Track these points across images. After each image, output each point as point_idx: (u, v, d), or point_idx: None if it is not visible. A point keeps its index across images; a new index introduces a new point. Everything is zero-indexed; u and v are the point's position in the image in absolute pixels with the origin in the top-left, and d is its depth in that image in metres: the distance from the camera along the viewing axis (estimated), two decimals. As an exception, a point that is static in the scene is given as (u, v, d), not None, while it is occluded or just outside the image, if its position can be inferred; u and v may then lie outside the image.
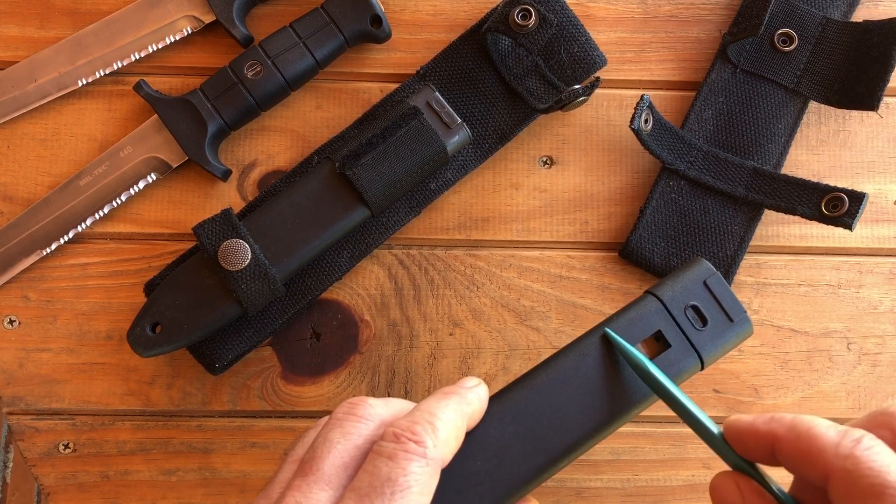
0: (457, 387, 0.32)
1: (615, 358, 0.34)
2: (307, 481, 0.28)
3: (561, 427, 0.33)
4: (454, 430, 0.30)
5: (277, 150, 0.49)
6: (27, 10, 0.49)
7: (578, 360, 0.34)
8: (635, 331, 0.34)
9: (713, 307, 0.35)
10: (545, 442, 0.32)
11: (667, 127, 0.48)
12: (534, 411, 0.33)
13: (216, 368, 0.46)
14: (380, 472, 0.27)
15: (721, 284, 0.35)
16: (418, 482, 0.27)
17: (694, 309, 0.35)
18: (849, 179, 0.50)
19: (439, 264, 0.49)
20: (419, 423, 0.29)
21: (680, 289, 0.35)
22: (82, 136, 0.49)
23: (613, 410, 0.33)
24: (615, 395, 0.33)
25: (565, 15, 0.48)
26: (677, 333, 0.34)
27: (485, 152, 0.49)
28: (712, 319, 0.35)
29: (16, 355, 0.47)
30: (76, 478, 0.47)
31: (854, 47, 0.48)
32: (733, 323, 0.35)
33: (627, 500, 0.48)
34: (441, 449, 0.29)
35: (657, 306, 0.35)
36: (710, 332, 0.35)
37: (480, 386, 0.33)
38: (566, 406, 0.33)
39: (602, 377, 0.33)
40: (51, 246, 0.47)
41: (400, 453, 0.28)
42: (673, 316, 0.35)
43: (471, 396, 0.32)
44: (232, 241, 0.43)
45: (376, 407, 0.30)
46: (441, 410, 0.30)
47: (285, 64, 0.47)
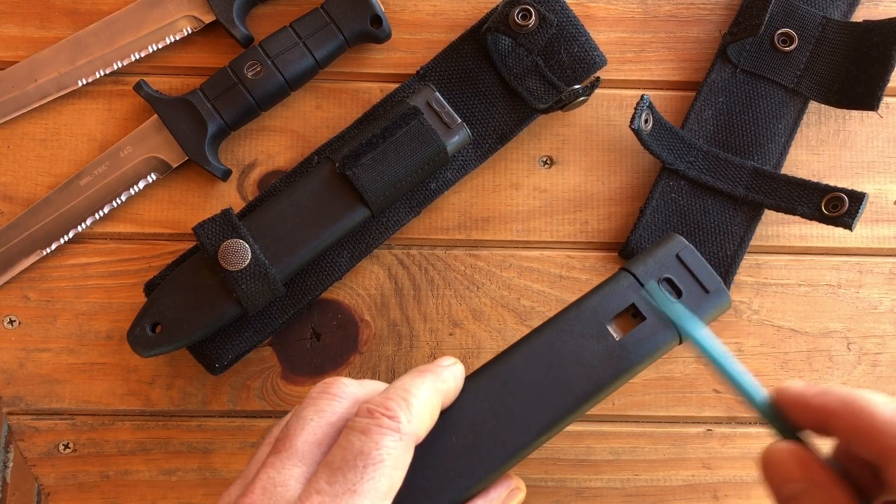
0: (433, 365, 0.32)
1: (590, 334, 0.34)
2: (280, 458, 0.28)
3: (537, 403, 0.33)
4: (428, 407, 0.30)
5: (277, 150, 0.49)
6: (27, 10, 0.49)
7: (553, 336, 0.34)
8: (609, 306, 0.34)
9: (687, 279, 0.35)
10: (522, 418, 0.33)
11: (667, 127, 0.48)
12: (510, 388, 0.33)
13: (216, 368, 0.46)
14: (352, 447, 0.27)
15: (694, 256, 0.35)
16: (391, 456, 0.27)
17: (668, 282, 0.35)
18: (849, 179, 0.50)
19: (439, 264, 0.49)
20: (393, 399, 0.29)
21: (652, 262, 0.35)
22: (82, 136, 0.49)
23: (588, 386, 0.33)
24: (590, 370, 0.33)
25: (565, 15, 0.48)
26: (651, 307, 0.34)
27: (485, 152, 0.49)
28: (687, 291, 0.35)
29: (16, 355, 0.47)
30: (76, 478, 0.47)
31: (854, 47, 0.48)
32: (709, 293, 0.35)
33: (627, 500, 0.48)
34: (415, 424, 0.29)
35: (630, 281, 0.35)
36: (686, 304, 0.35)
37: (456, 364, 0.33)
38: (542, 382, 0.33)
39: (577, 353, 0.34)
40: (51, 246, 0.47)
41: (373, 428, 0.28)
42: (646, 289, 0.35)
43: (446, 374, 0.32)
44: (232, 241, 0.43)
45: (351, 386, 0.31)
46: (415, 387, 0.30)
47: (285, 64, 0.47)
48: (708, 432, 0.48)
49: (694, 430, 0.48)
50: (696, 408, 0.48)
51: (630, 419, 0.48)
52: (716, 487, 0.48)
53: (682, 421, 0.48)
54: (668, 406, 0.48)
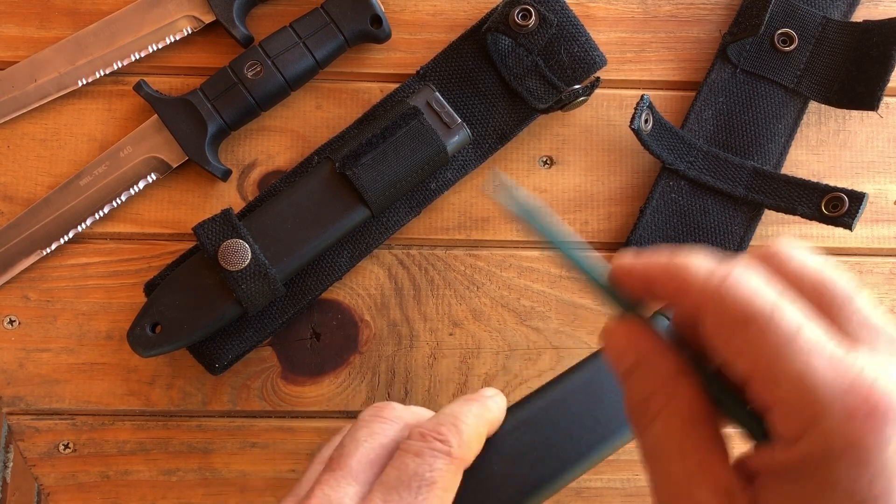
0: (478, 395, 0.33)
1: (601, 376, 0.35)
2: (335, 476, 0.29)
3: (576, 438, 0.34)
4: (476, 434, 0.31)
5: (277, 150, 0.49)
6: (27, 10, 0.49)
7: (592, 373, 0.35)
8: None
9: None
10: (561, 452, 0.34)
11: (667, 127, 0.48)
12: (548, 420, 0.34)
13: (216, 368, 0.46)
14: (407, 468, 0.28)
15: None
16: (443, 478, 0.28)
17: None
18: (849, 179, 0.50)
19: (439, 264, 0.49)
20: (444, 425, 0.30)
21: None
22: (82, 136, 0.49)
23: (624, 421, 0.34)
24: (618, 410, 0.34)
25: (565, 15, 0.48)
26: None
27: (485, 152, 0.49)
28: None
29: (16, 355, 0.47)
30: (76, 478, 0.47)
31: (854, 47, 0.48)
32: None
33: (627, 500, 0.48)
34: (464, 449, 0.30)
35: None
36: None
37: (500, 395, 0.34)
38: (581, 416, 0.34)
39: (614, 389, 0.34)
40: (51, 246, 0.47)
41: (426, 451, 0.29)
42: None
43: (491, 404, 0.33)
44: (232, 241, 0.43)
45: (400, 410, 0.32)
46: (464, 414, 0.31)
47: (285, 64, 0.47)
48: (708, 432, 0.48)
49: (694, 430, 0.48)
50: (696, 408, 0.48)
51: (630, 419, 0.48)
52: (716, 487, 0.48)
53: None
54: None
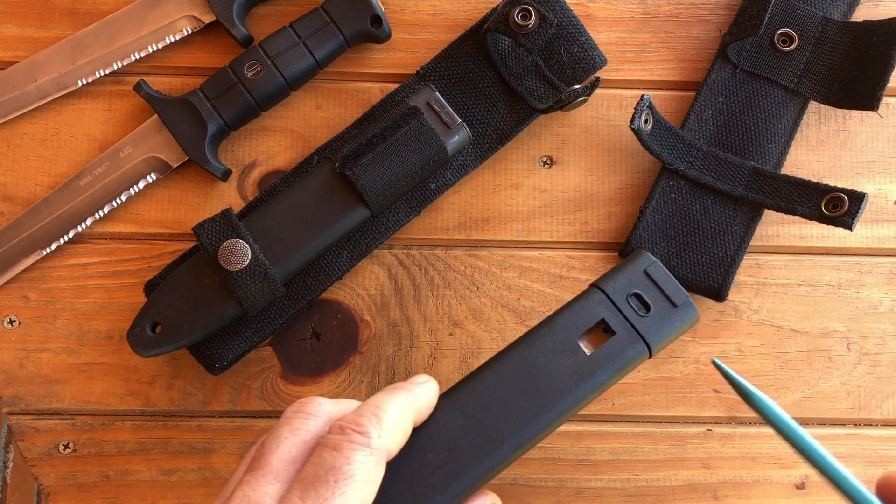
0: (406, 382, 0.33)
1: (561, 349, 0.35)
2: (255, 476, 0.29)
3: (511, 417, 0.33)
4: (400, 423, 0.31)
5: (277, 150, 0.49)
6: (27, 10, 0.49)
7: (526, 352, 0.35)
8: (580, 322, 0.35)
9: (656, 294, 0.36)
10: (496, 433, 0.33)
11: (667, 127, 0.48)
12: (484, 403, 0.34)
13: (216, 368, 0.46)
14: (324, 462, 0.28)
15: (661, 271, 0.36)
16: (362, 470, 0.28)
17: (637, 297, 0.36)
18: (849, 179, 0.50)
19: (439, 264, 0.49)
20: (364, 416, 0.30)
21: (621, 279, 0.36)
22: (82, 136, 0.49)
23: (561, 400, 0.34)
24: (563, 384, 0.34)
25: (565, 15, 0.48)
26: (621, 321, 0.35)
27: (485, 152, 0.49)
28: (655, 306, 0.36)
29: (16, 355, 0.47)
30: (76, 478, 0.47)
31: (854, 47, 0.48)
32: (677, 308, 0.36)
33: (627, 500, 0.48)
34: (386, 439, 0.29)
35: (601, 297, 0.36)
36: (655, 318, 0.36)
37: (430, 382, 0.34)
38: (515, 397, 0.34)
39: (549, 368, 0.34)
40: (51, 246, 0.47)
41: (344, 443, 0.28)
42: (616, 305, 0.36)
43: (419, 391, 0.33)
44: (232, 241, 0.43)
45: (325, 405, 0.31)
46: (387, 403, 0.31)
47: (285, 64, 0.47)
48: (708, 432, 0.48)
49: (694, 430, 0.48)
50: (696, 408, 0.48)
51: (630, 419, 0.48)
52: (716, 487, 0.48)
53: (682, 421, 0.48)
54: (668, 406, 0.48)
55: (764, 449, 0.48)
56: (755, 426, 0.48)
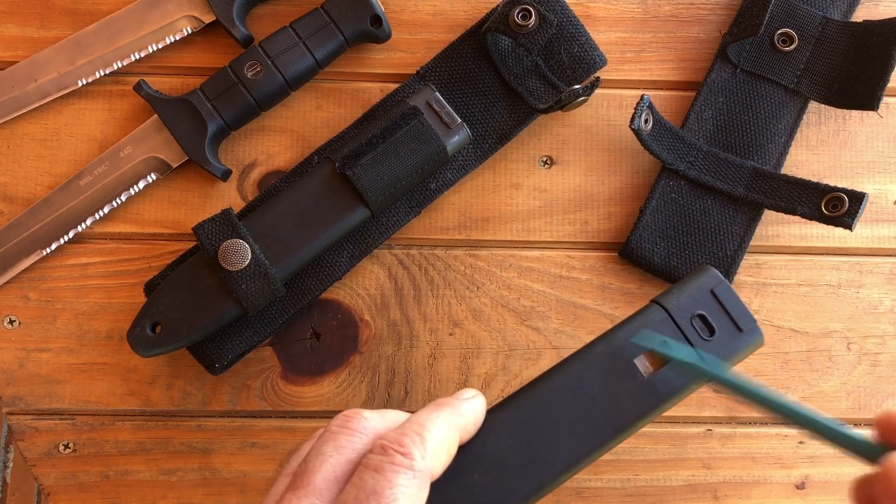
0: (452, 398, 0.32)
1: (618, 369, 0.33)
2: (297, 495, 0.28)
3: (562, 440, 0.32)
4: (445, 442, 0.30)
5: (277, 150, 0.49)
6: (27, 10, 0.49)
7: (581, 371, 0.33)
8: (640, 343, 0.33)
9: (721, 316, 0.34)
10: (546, 454, 0.32)
11: (667, 127, 0.48)
12: (535, 422, 0.32)
13: (216, 368, 0.46)
14: (366, 485, 0.27)
15: (729, 293, 0.34)
16: (405, 494, 0.27)
17: (701, 318, 0.34)
18: (849, 179, 0.50)
19: (439, 264, 0.49)
20: (407, 435, 0.29)
21: (686, 298, 0.34)
22: (82, 136, 0.49)
23: (616, 423, 0.33)
24: (618, 407, 0.33)
25: (565, 15, 0.48)
26: (684, 344, 0.33)
27: (485, 152, 0.49)
28: (720, 329, 0.34)
29: (16, 355, 0.47)
30: (76, 478, 0.47)
31: (854, 47, 0.48)
32: (742, 333, 0.34)
33: (627, 500, 0.48)
34: (430, 461, 0.28)
35: (662, 316, 0.34)
36: (718, 342, 0.34)
37: (477, 398, 0.32)
38: (568, 418, 0.32)
39: (605, 389, 0.33)
40: (51, 246, 0.47)
41: (386, 465, 0.27)
42: (679, 325, 0.34)
43: (465, 408, 0.31)
44: (232, 241, 0.43)
45: (371, 420, 0.30)
46: (431, 422, 0.30)
47: (285, 64, 0.47)
48: (708, 432, 0.48)
49: (694, 430, 0.48)
50: (696, 408, 0.48)
51: (630, 419, 0.48)
52: (716, 487, 0.48)
53: (682, 421, 0.48)
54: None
55: (764, 449, 0.48)
56: (755, 426, 0.48)
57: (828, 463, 0.49)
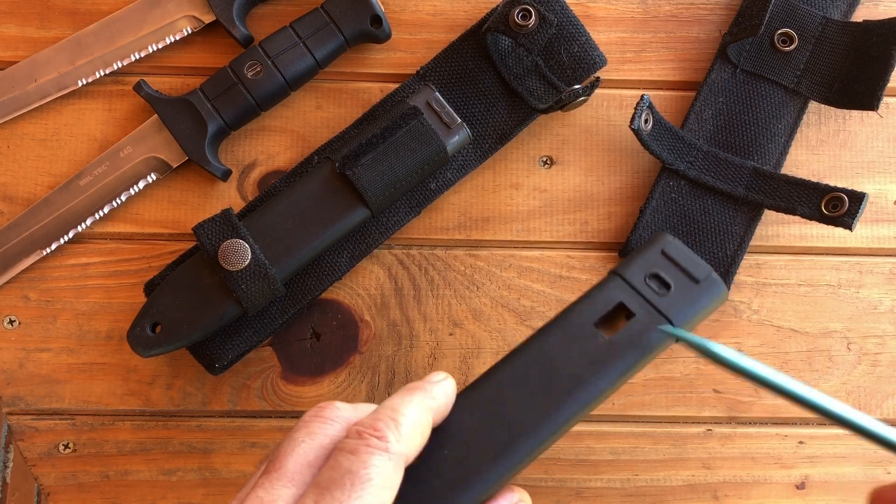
0: (422, 382, 0.32)
1: (579, 335, 0.33)
2: (270, 479, 0.28)
3: (529, 411, 0.32)
4: (418, 426, 0.30)
5: (277, 150, 0.49)
6: (27, 10, 0.49)
7: (542, 342, 0.33)
8: (596, 307, 0.34)
9: (674, 271, 0.34)
10: (514, 427, 0.32)
11: (667, 127, 0.48)
12: (502, 397, 0.32)
13: (216, 368, 0.46)
14: (341, 466, 0.28)
15: (679, 248, 0.34)
16: (379, 475, 0.28)
17: (655, 277, 0.34)
18: (849, 179, 0.50)
19: (439, 264, 0.49)
20: (381, 420, 0.29)
21: (639, 261, 0.34)
22: (82, 136, 0.49)
23: (583, 388, 0.33)
24: (583, 372, 0.33)
25: (565, 15, 0.48)
26: (640, 303, 0.34)
27: (485, 152, 0.49)
28: (675, 283, 0.34)
29: (16, 355, 0.47)
30: (76, 478, 0.47)
31: (854, 47, 0.48)
32: (699, 283, 0.34)
33: (627, 500, 0.48)
34: (404, 443, 0.29)
35: (617, 282, 0.34)
36: (676, 296, 0.34)
37: (447, 380, 0.33)
38: (534, 389, 0.32)
39: (568, 357, 0.33)
40: (51, 246, 0.47)
41: (362, 448, 0.28)
42: (634, 286, 0.34)
43: (436, 391, 0.32)
44: (232, 241, 0.43)
45: (343, 410, 0.31)
46: (404, 406, 0.30)
47: (285, 64, 0.47)
48: (708, 432, 0.48)
49: (694, 430, 0.48)
50: (696, 408, 0.48)
51: (630, 419, 0.48)
52: (716, 487, 0.48)
53: (682, 421, 0.48)
54: (668, 406, 0.48)
55: (764, 449, 0.48)
56: (755, 426, 0.48)
57: (828, 463, 0.49)
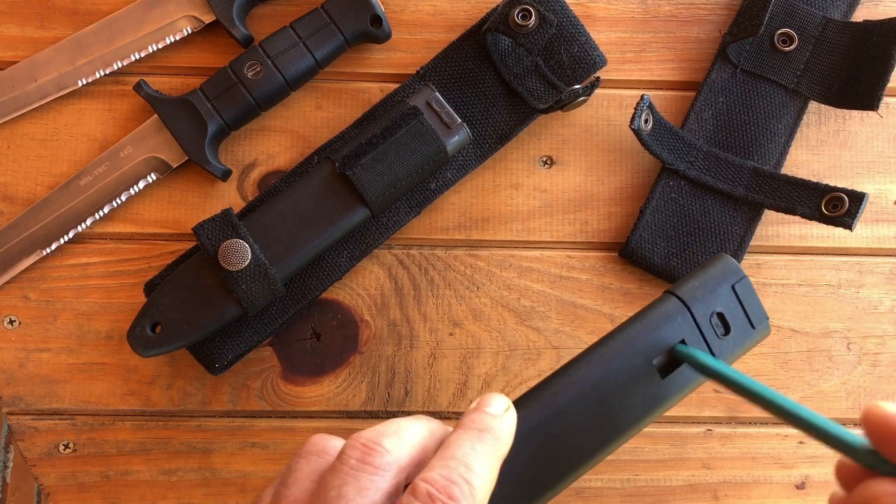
0: (488, 417, 0.29)
1: (637, 371, 0.32)
2: None
3: (578, 447, 0.31)
4: (491, 480, 0.27)
5: (277, 150, 0.49)
6: (27, 10, 0.49)
7: (602, 374, 0.32)
8: (659, 340, 0.32)
9: (738, 314, 0.33)
10: (562, 462, 0.31)
11: (667, 127, 0.48)
12: (553, 431, 0.31)
13: (216, 368, 0.46)
14: None
15: (749, 289, 0.33)
16: None
17: (719, 316, 0.33)
18: (849, 179, 0.50)
19: (439, 264, 0.49)
20: (456, 484, 0.25)
21: (706, 293, 0.33)
22: (82, 136, 0.49)
23: (630, 429, 0.32)
24: (634, 410, 0.32)
25: (565, 15, 0.48)
26: (700, 342, 0.33)
27: (485, 152, 0.49)
28: (735, 327, 0.33)
29: (16, 355, 0.47)
30: (76, 478, 0.47)
31: (854, 47, 0.48)
32: (755, 329, 0.33)
33: (627, 500, 0.48)
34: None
35: (683, 314, 0.33)
36: (731, 340, 0.33)
37: (510, 413, 0.29)
38: (585, 425, 0.31)
39: (623, 391, 0.32)
40: (51, 246, 0.47)
41: None
42: (698, 324, 0.33)
43: (505, 433, 0.29)
44: (232, 241, 0.43)
45: (393, 452, 0.26)
46: (477, 461, 0.26)
47: (285, 64, 0.47)
48: (708, 432, 0.48)
49: (694, 430, 0.48)
50: (696, 408, 0.48)
51: (630, 419, 0.48)
52: (716, 487, 0.48)
53: (682, 421, 0.48)
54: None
55: (764, 449, 0.48)
56: (755, 426, 0.48)
57: (828, 463, 0.49)
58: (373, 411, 0.48)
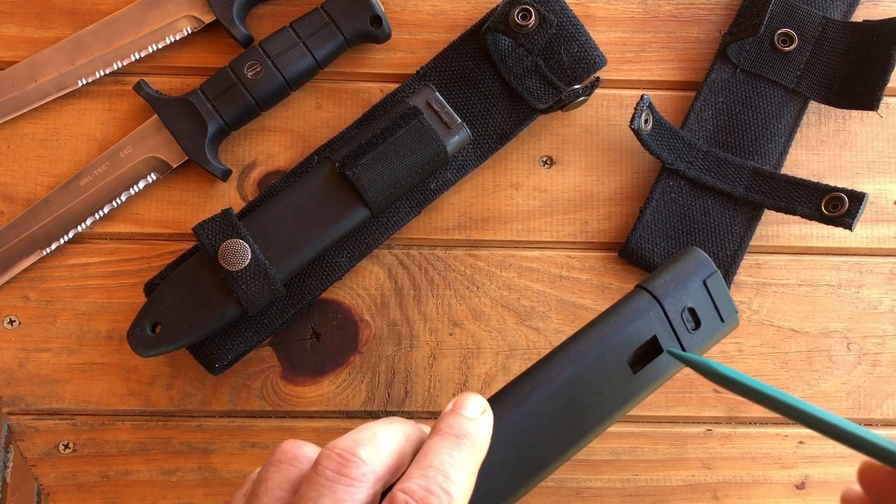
0: (465, 421, 0.28)
1: (609, 368, 0.32)
2: None
3: (551, 445, 0.31)
4: (469, 490, 0.27)
5: (277, 150, 0.49)
6: (27, 10, 0.49)
7: (574, 370, 0.32)
8: (632, 337, 0.33)
9: (708, 308, 0.34)
10: (535, 461, 0.31)
11: (667, 127, 0.48)
12: (527, 431, 0.31)
13: (216, 368, 0.46)
14: None
15: (720, 284, 0.34)
16: None
17: (690, 311, 0.34)
18: (849, 179, 0.50)
19: (439, 264, 0.49)
20: (434, 494, 0.25)
21: (680, 289, 0.33)
22: (82, 136, 0.49)
23: (601, 425, 0.32)
24: (606, 406, 0.32)
25: (565, 15, 0.48)
26: (671, 338, 0.33)
27: (485, 152, 0.49)
28: (705, 322, 0.33)
29: (16, 355, 0.47)
30: (76, 478, 0.47)
31: (854, 47, 0.48)
32: (724, 322, 0.34)
33: (627, 500, 0.48)
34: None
35: (655, 309, 0.33)
36: (701, 334, 0.33)
37: (487, 414, 0.29)
38: (558, 424, 0.31)
39: (596, 387, 0.32)
40: (51, 246, 0.47)
41: None
42: (670, 320, 0.33)
43: (482, 438, 0.28)
44: (232, 241, 0.43)
45: (369, 462, 0.26)
46: (455, 469, 0.26)
47: (285, 64, 0.47)
48: (708, 432, 0.48)
49: (694, 430, 0.48)
50: (695, 408, 0.48)
51: (630, 419, 0.48)
52: (716, 487, 0.48)
53: (682, 421, 0.48)
54: (668, 406, 0.48)
55: (764, 449, 0.48)
56: (755, 426, 0.48)
57: (828, 463, 0.49)
58: (373, 411, 0.48)
